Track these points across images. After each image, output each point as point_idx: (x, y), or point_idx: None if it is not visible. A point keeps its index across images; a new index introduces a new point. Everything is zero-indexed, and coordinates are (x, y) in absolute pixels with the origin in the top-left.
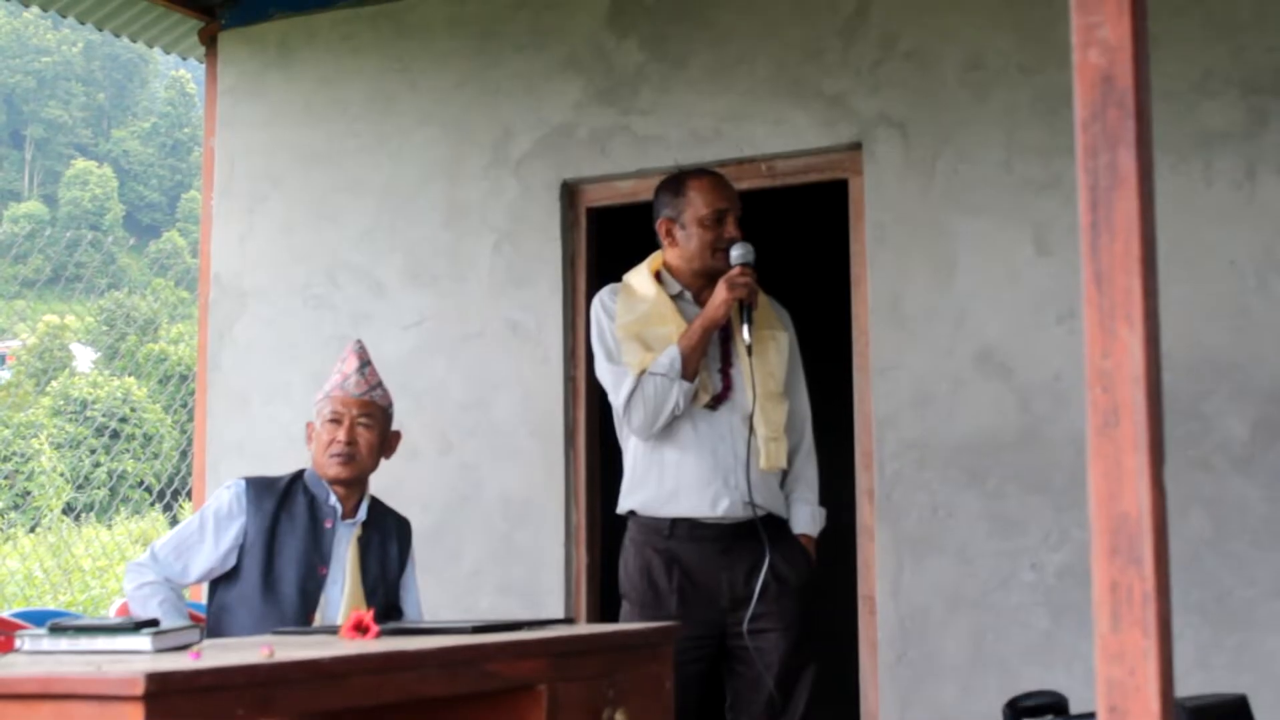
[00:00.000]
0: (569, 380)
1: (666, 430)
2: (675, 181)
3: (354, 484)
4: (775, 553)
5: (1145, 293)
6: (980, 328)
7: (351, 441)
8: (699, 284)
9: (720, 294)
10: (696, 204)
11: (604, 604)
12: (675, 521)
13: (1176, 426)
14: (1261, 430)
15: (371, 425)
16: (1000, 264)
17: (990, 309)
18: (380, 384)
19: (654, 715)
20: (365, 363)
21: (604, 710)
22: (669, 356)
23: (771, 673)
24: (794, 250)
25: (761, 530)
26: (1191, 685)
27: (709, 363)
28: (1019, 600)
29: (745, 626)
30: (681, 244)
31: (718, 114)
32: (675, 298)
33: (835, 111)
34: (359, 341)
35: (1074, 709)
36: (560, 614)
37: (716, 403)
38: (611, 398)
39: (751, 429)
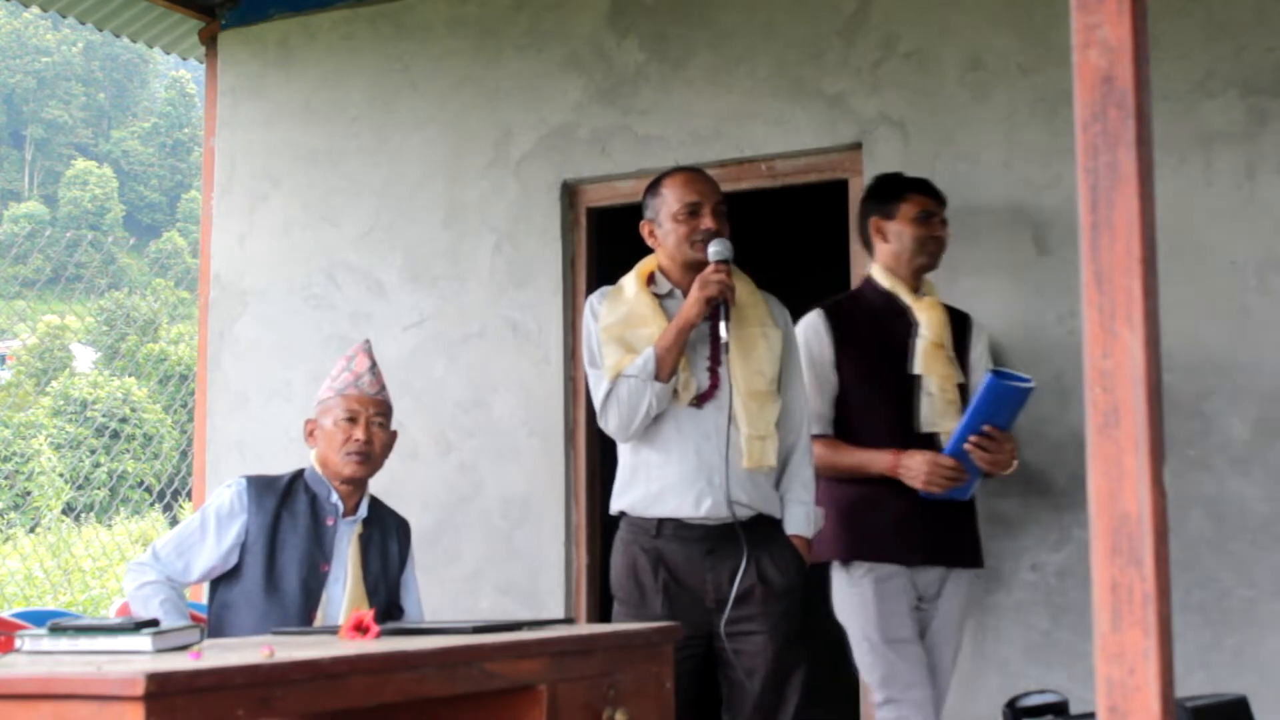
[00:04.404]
0: (569, 380)
1: (652, 430)
2: (653, 183)
3: (361, 482)
4: (763, 554)
5: (1145, 293)
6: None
7: (369, 440)
8: (689, 281)
9: (693, 293)
10: (670, 200)
11: (604, 604)
12: (662, 521)
13: (1176, 426)
14: (1261, 430)
15: (384, 425)
16: (1000, 264)
17: (990, 309)
18: (385, 384)
19: (654, 715)
20: (374, 363)
21: (604, 710)
22: (643, 358)
23: (759, 675)
24: (794, 250)
25: (740, 532)
26: (1191, 685)
27: (697, 360)
28: (1019, 600)
29: (723, 629)
30: (663, 242)
31: (718, 114)
32: (666, 297)
33: (835, 111)
34: (368, 341)
35: (1074, 709)
36: (560, 614)
37: (702, 401)
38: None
39: (734, 427)
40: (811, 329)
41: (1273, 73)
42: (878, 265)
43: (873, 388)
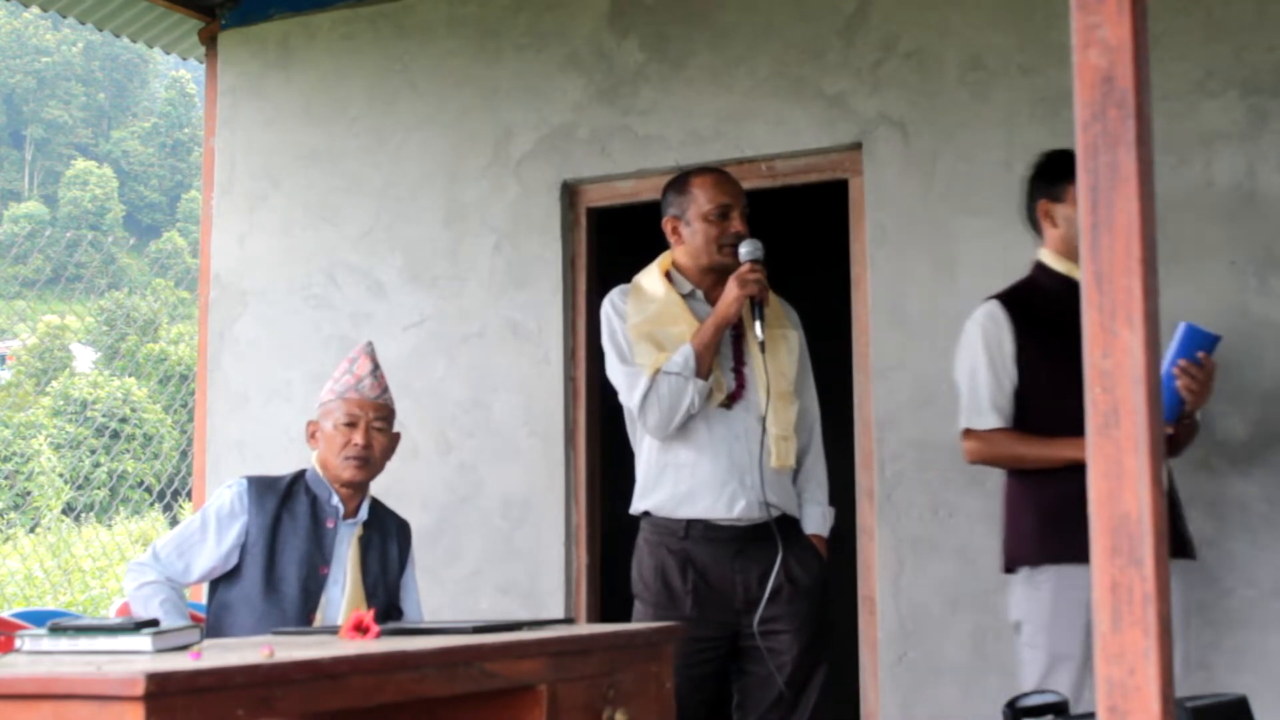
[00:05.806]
0: (569, 380)
1: (681, 431)
2: (680, 180)
3: (361, 485)
4: (789, 554)
5: (1145, 293)
6: None
7: (368, 445)
8: (709, 281)
9: (731, 291)
10: (700, 200)
11: (604, 604)
12: (690, 523)
13: None
14: (1261, 430)
15: (384, 429)
16: (1000, 264)
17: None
18: (388, 386)
19: (654, 715)
20: (376, 365)
21: (604, 710)
22: (683, 355)
23: (783, 673)
24: (794, 250)
25: (775, 531)
26: (1192, 685)
27: (722, 361)
28: None
29: (757, 628)
30: (688, 241)
31: (718, 114)
32: (686, 296)
33: (835, 111)
34: (370, 343)
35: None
36: (560, 614)
37: (731, 401)
38: (624, 399)
39: (764, 428)
40: (991, 320)
41: (1273, 73)
42: (1048, 250)
43: (1067, 377)
